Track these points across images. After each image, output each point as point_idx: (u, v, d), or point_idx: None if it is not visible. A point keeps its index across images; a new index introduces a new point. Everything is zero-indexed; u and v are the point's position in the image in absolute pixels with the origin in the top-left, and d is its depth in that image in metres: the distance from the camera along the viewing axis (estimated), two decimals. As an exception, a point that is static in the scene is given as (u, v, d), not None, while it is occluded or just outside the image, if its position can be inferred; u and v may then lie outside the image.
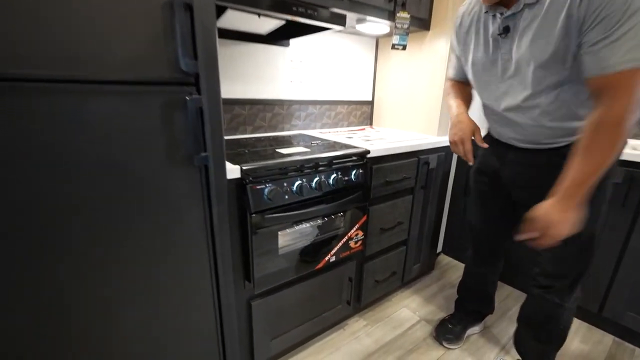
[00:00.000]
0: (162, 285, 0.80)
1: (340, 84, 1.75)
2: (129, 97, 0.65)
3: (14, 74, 0.54)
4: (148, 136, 0.69)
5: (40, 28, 0.55)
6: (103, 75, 0.61)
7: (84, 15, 0.58)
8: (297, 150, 1.11)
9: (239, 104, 1.40)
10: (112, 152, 0.65)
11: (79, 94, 0.60)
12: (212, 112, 0.75)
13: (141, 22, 0.63)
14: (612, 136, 0.68)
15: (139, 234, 0.73)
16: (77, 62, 0.59)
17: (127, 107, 0.65)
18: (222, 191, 0.83)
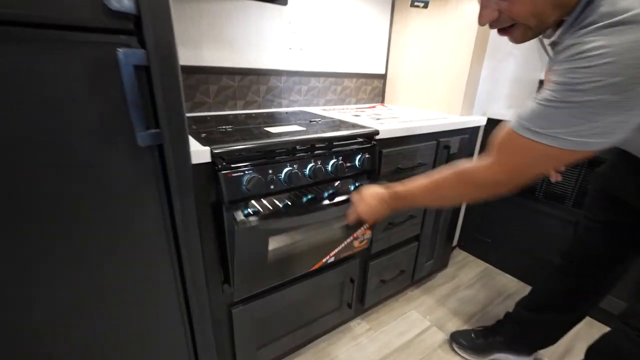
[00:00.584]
0: (111, 294, 0.64)
1: (349, 54, 1.50)
2: (33, 48, 0.46)
3: None
4: (69, 106, 0.50)
5: None
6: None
7: None
8: (289, 129, 0.91)
9: (228, 74, 1.20)
10: (17, 127, 0.47)
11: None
12: (165, 72, 0.55)
13: None
14: (471, 191, 0.64)
15: (68, 233, 0.56)
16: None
17: (32, 62, 0.46)
18: (186, 180, 0.64)
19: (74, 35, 0.48)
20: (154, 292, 0.70)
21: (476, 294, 1.52)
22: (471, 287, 1.57)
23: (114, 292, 0.64)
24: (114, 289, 0.64)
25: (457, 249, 1.89)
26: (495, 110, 1.53)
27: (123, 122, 0.54)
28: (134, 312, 0.68)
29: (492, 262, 1.75)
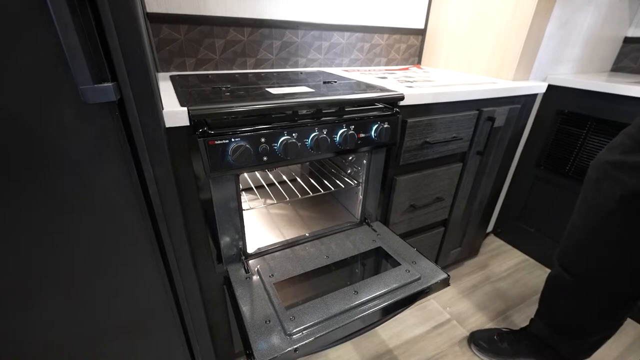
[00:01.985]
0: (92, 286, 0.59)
1: (380, 3, 1.27)
2: None
3: None
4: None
5: None
6: None
7: None
8: (294, 91, 0.77)
9: (237, 26, 1.05)
10: None
11: None
12: (118, 7, 0.43)
13: None
14: None
15: (22, 213, 0.49)
16: None
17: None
18: (157, 146, 0.54)
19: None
20: (131, 276, 0.63)
21: (508, 288, 1.35)
22: (503, 280, 1.39)
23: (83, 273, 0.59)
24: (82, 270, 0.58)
25: (492, 236, 1.69)
26: (559, 76, 1.24)
27: (61, 72, 0.44)
28: (108, 297, 0.63)
29: (533, 254, 1.54)
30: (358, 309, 0.66)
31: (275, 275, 0.74)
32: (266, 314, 0.64)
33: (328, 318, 0.63)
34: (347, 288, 0.70)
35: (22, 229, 0.50)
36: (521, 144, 1.41)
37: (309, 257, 0.81)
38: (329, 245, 0.86)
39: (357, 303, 0.66)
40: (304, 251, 0.84)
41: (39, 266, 0.54)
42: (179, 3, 0.94)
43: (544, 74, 1.23)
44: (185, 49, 1.01)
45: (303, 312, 0.63)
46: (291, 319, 0.62)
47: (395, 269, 0.76)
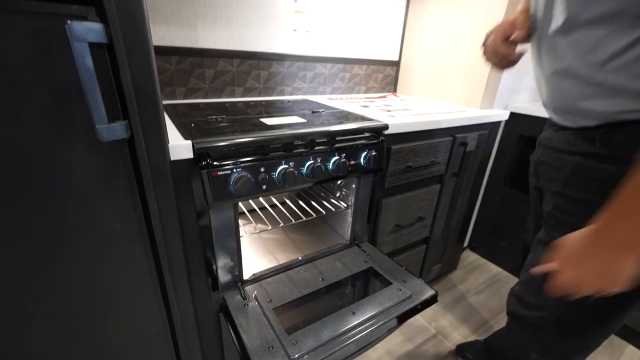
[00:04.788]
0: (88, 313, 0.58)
1: (359, 38, 1.38)
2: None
3: None
4: (15, 90, 0.41)
5: None
6: None
7: None
8: (288, 121, 0.81)
9: (226, 58, 1.10)
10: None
11: None
12: (132, 51, 0.46)
13: None
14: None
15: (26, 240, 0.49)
16: None
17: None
18: (161, 178, 0.56)
19: (18, 3, 0.39)
20: (129, 305, 0.63)
21: (486, 300, 1.43)
22: (481, 292, 1.48)
23: (83, 301, 0.57)
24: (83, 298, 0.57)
25: (468, 250, 1.79)
26: (519, 104, 1.39)
27: (82, 113, 0.45)
28: (107, 320, 0.62)
29: (506, 266, 1.65)
30: (357, 329, 0.68)
31: (274, 301, 0.75)
32: (268, 340, 0.65)
33: (330, 340, 0.65)
34: (345, 309, 0.73)
35: (25, 254, 0.49)
36: (489, 166, 1.54)
37: (304, 281, 0.83)
38: (323, 268, 0.89)
39: (356, 324, 0.69)
40: (299, 275, 0.86)
41: (39, 291, 0.52)
42: (171, 37, 0.98)
43: (505, 102, 1.37)
44: (175, 78, 1.03)
45: (304, 336, 0.65)
46: (294, 344, 0.63)
47: (388, 289, 0.80)
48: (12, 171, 0.44)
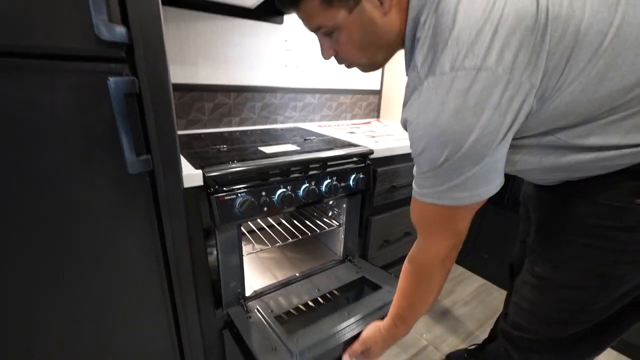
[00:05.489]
0: (96, 323, 0.63)
1: (344, 71, 1.52)
2: (26, 76, 0.45)
3: None
4: (60, 131, 0.49)
5: None
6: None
7: None
8: (284, 149, 0.91)
9: (224, 92, 1.20)
10: (5, 151, 0.46)
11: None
12: (157, 100, 0.55)
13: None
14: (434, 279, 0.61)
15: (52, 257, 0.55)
16: None
17: (25, 89, 0.46)
18: (176, 203, 0.64)
19: (64, 64, 0.47)
20: (141, 315, 0.68)
21: (473, 311, 1.50)
22: (468, 303, 1.55)
23: (100, 315, 0.63)
24: (100, 312, 0.62)
25: (455, 264, 1.87)
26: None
27: (112, 149, 0.54)
28: (121, 334, 0.66)
29: (490, 277, 1.74)
30: (352, 325, 0.76)
31: (274, 311, 0.82)
32: (271, 341, 0.71)
33: (328, 337, 0.72)
34: (340, 311, 0.80)
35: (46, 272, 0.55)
36: (468, 182, 1.66)
37: (302, 293, 0.90)
38: (318, 282, 0.96)
39: (351, 322, 0.76)
40: (297, 288, 0.92)
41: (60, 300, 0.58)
42: (174, 74, 1.08)
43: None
44: (178, 111, 1.12)
45: (304, 335, 0.72)
46: (295, 342, 0.69)
47: (378, 292, 0.88)
48: (52, 198, 0.51)
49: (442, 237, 0.57)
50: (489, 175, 0.47)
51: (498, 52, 0.39)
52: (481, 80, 0.40)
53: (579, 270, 0.55)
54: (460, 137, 0.43)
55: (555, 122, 0.45)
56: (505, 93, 0.41)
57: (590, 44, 0.40)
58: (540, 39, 0.40)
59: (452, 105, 0.42)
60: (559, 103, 0.43)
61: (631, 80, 0.41)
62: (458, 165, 0.45)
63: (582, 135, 0.46)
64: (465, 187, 0.47)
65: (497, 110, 0.41)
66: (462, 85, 0.41)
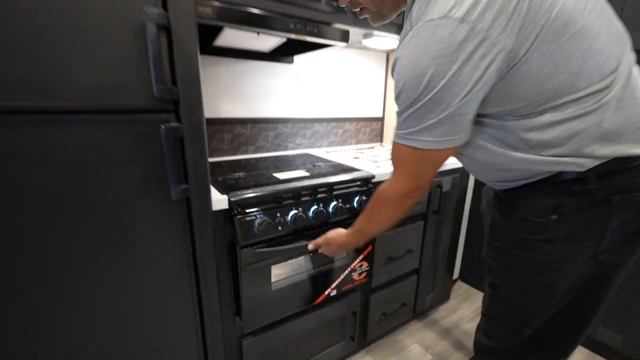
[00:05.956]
0: (136, 324, 0.74)
1: (349, 100, 1.67)
2: (97, 126, 0.59)
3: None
4: (119, 167, 0.63)
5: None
6: (69, 105, 0.56)
7: (48, 40, 0.53)
8: (295, 175, 1.03)
9: (241, 124, 1.35)
10: (78, 184, 0.60)
11: (42, 124, 0.55)
12: (194, 141, 0.69)
13: (112, 46, 0.58)
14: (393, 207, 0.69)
15: (109, 271, 0.67)
16: (40, 90, 0.54)
17: (96, 136, 0.60)
18: (206, 225, 0.76)
19: (129, 117, 0.62)
20: (173, 322, 0.78)
21: (478, 327, 1.55)
22: (473, 320, 1.60)
23: (142, 325, 0.74)
24: (143, 322, 0.73)
25: (459, 282, 1.93)
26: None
27: (161, 180, 0.67)
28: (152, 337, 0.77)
29: (494, 294, 1.78)
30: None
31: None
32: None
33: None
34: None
35: (110, 279, 0.67)
36: (468, 203, 1.75)
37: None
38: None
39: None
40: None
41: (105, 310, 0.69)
42: (199, 111, 1.24)
43: (475, 148, 1.62)
44: (201, 142, 1.27)
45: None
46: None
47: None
48: (106, 219, 0.64)
49: (405, 176, 0.63)
50: (453, 127, 0.52)
51: (480, 11, 0.44)
52: (462, 31, 0.44)
53: (517, 279, 0.64)
54: (433, 79, 0.47)
55: (509, 101, 0.51)
56: (479, 49, 0.45)
57: (555, 32, 0.46)
58: (518, 9, 0.44)
59: (433, 49, 0.46)
60: (519, 79, 0.48)
61: (573, 84, 0.48)
62: (427, 108, 0.50)
63: (527, 128, 0.52)
64: (430, 132, 0.53)
65: (469, 62, 0.46)
66: (445, 32, 0.45)
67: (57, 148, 0.57)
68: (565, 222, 0.56)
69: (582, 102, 0.50)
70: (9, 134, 0.53)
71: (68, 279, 0.63)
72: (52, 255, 0.60)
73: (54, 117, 0.55)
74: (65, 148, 0.57)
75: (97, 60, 0.57)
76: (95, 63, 0.57)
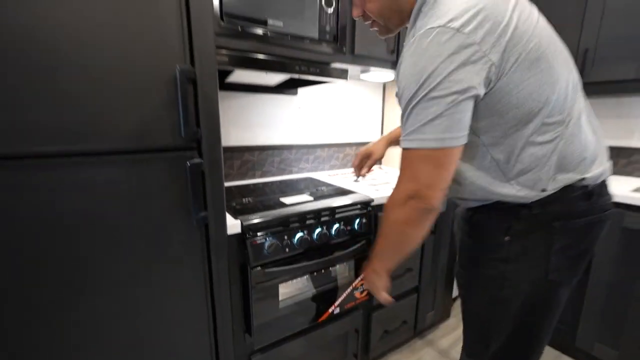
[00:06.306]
0: (157, 338, 0.80)
1: (349, 127, 1.79)
2: (134, 164, 0.69)
3: (37, 151, 0.60)
4: (149, 198, 0.72)
5: (52, 106, 0.61)
6: (109, 147, 0.66)
7: (104, 92, 0.64)
8: (300, 199, 1.12)
9: (249, 151, 1.46)
10: (113, 213, 0.69)
11: (85, 164, 0.65)
12: (213, 174, 0.78)
13: (148, 96, 0.68)
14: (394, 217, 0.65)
15: (138, 288, 0.75)
16: (86, 136, 0.64)
17: (132, 173, 0.69)
18: (222, 247, 0.84)
19: (160, 155, 0.72)
20: (191, 340, 0.85)
21: (478, 344, 1.58)
22: (473, 337, 1.63)
23: (161, 339, 0.80)
24: (162, 337, 0.80)
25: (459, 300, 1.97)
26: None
27: (184, 208, 0.76)
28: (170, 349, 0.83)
29: (493, 312, 1.82)
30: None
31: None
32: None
33: None
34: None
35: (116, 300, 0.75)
36: (465, 221, 1.83)
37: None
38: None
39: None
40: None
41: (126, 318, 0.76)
42: (211, 140, 1.34)
43: (468, 170, 1.72)
44: (212, 169, 1.37)
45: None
46: None
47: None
48: (138, 236, 0.73)
49: (406, 179, 0.62)
50: (451, 125, 0.54)
51: (474, 27, 0.51)
52: (457, 40, 0.51)
53: (480, 294, 0.72)
54: (431, 76, 0.53)
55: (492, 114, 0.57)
56: (472, 57, 0.52)
57: (530, 63, 0.54)
58: (504, 34, 0.52)
59: (431, 51, 0.53)
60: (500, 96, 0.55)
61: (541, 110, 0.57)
62: (426, 102, 0.54)
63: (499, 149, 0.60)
64: (430, 128, 0.55)
65: (465, 66, 0.52)
66: (442, 38, 0.52)
67: (100, 182, 0.66)
68: (516, 243, 0.63)
69: (546, 129, 0.59)
70: (65, 171, 0.63)
71: (107, 291, 0.71)
72: (92, 273, 0.68)
73: (95, 158, 0.65)
74: (105, 182, 0.67)
75: (138, 109, 0.67)
76: (136, 111, 0.67)
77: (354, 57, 1.26)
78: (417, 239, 0.66)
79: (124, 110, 0.66)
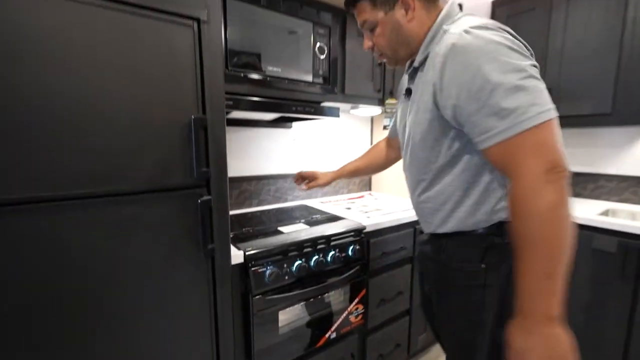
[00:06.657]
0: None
1: (340, 155, 1.90)
2: (150, 202, 0.76)
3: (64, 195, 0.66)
4: (162, 233, 0.78)
5: (84, 154, 0.68)
6: (130, 188, 0.73)
7: (128, 137, 0.71)
8: (297, 228, 1.19)
9: (246, 181, 1.54)
10: (128, 248, 0.75)
11: (104, 205, 0.71)
12: (220, 210, 0.86)
13: (165, 142, 0.76)
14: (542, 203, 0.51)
15: (148, 316, 0.79)
16: (109, 179, 0.71)
17: (147, 210, 0.76)
18: (226, 277, 0.90)
19: (173, 193, 0.79)
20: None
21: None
22: (464, 358, 1.68)
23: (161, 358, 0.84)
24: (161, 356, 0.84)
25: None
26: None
27: (193, 240, 0.82)
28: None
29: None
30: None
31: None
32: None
33: None
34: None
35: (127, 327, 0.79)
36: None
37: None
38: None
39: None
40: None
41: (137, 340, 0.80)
42: (211, 172, 1.42)
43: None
44: (211, 199, 1.44)
45: None
46: None
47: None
48: (149, 274, 0.78)
49: (530, 158, 0.53)
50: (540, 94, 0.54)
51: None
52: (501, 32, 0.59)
53: (458, 318, 0.73)
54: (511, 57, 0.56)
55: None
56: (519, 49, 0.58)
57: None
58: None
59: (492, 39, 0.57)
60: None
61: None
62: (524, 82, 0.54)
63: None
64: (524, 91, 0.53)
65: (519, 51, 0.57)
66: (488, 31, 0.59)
67: (118, 220, 0.72)
68: (491, 269, 0.67)
69: None
70: (86, 211, 0.69)
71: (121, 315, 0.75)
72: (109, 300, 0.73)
73: (113, 198, 0.72)
74: (123, 220, 0.73)
75: (155, 154, 0.75)
76: (154, 156, 0.75)
77: (345, 96, 1.38)
78: (571, 228, 0.52)
79: (143, 155, 0.74)
